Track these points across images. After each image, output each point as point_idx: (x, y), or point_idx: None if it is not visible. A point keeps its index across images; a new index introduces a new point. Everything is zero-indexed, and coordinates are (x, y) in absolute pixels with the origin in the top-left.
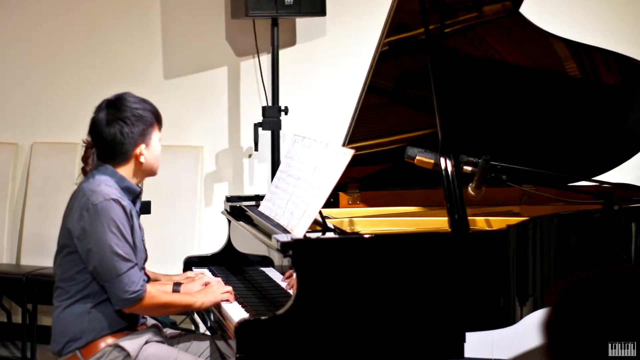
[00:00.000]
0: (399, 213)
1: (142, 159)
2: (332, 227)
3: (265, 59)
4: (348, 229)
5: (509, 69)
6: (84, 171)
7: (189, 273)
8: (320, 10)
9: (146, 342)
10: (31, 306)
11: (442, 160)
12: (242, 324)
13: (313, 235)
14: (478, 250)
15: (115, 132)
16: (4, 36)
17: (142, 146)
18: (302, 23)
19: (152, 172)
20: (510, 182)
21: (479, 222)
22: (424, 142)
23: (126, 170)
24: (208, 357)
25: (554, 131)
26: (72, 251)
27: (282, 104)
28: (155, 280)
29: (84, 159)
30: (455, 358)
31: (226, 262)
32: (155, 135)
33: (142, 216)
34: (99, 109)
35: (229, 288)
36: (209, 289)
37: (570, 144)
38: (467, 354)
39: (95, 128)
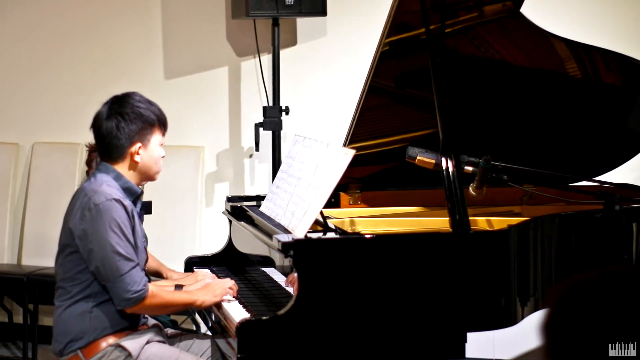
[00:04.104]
0: (400, 213)
1: (137, 159)
2: (333, 227)
3: (266, 59)
4: (349, 229)
5: (510, 69)
6: (88, 175)
7: (197, 272)
8: (321, 10)
9: (147, 342)
10: (32, 306)
11: (443, 160)
12: (243, 324)
13: (314, 236)
14: (479, 251)
15: (112, 126)
16: (4, 36)
17: (138, 145)
18: (303, 23)
19: (149, 175)
20: (511, 182)
21: (480, 222)
22: (425, 142)
23: (123, 169)
24: (209, 357)
25: (554, 131)
26: (74, 251)
27: (282, 104)
28: (158, 272)
29: (88, 162)
30: (456, 358)
31: (227, 262)
32: (156, 138)
33: (143, 216)
34: (104, 103)
35: (231, 283)
36: (210, 287)
37: (571, 144)
38: (468, 354)
39: (96, 121)
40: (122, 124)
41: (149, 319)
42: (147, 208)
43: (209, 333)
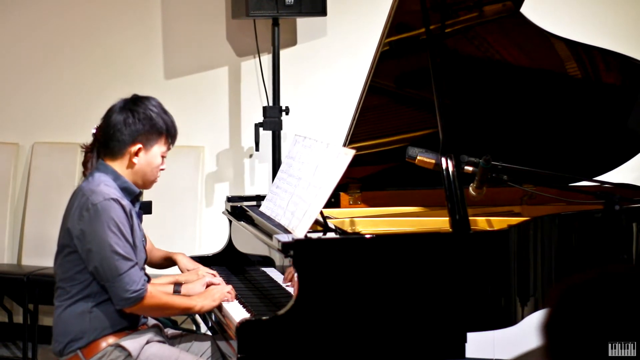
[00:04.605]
0: (400, 213)
1: (135, 160)
2: (333, 227)
3: (266, 59)
4: (349, 229)
5: (510, 69)
6: (85, 176)
7: (200, 268)
8: (321, 10)
9: (147, 342)
10: (32, 306)
11: (443, 160)
12: (243, 324)
13: (314, 236)
14: (479, 251)
15: (120, 120)
16: (4, 36)
17: (139, 146)
18: (303, 23)
19: (143, 181)
20: (511, 182)
21: (480, 222)
22: (425, 142)
23: (121, 168)
24: (209, 357)
25: (554, 131)
26: (72, 251)
27: (282, 104)
28: (166, 257)
29: (84, 163)
30: (456, 358)
31: (227, 262)
32: (159, 148)
33: (143, 216)
34: (123, 98)
35: (229, 288)
36: (208, 293)
37: (571, 144)
38: (468, 354)
39: (108, 112)
40: (129, 120)
41: (149, 319)
42: (147, 208)
43: (209, 333)
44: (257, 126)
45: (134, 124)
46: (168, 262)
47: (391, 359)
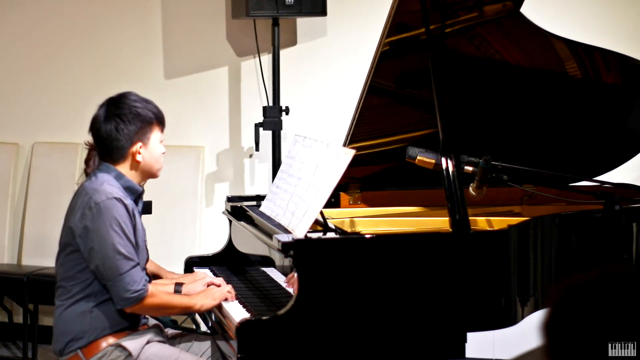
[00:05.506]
0: (400, 213)
1: (138, 158)
2: (333, 227)
3: (266, 59)
4: (349, 229)
5: (510, 69)
6: (86, 173)
7: (196, 272)
8: (321, 10)
9: (147, 342)
10: (32, 306)
11: (443, 160)
12: (243, 324)
13: (314, 236)
14: (479, 251)
15: (111, 129)
16: (4, 36)
17: (139, 145)
18: (303, 23)
19: (151, 173)
20: (511, 182)
21: (480, 222)
22: (425, 142)
23: (125, 169)
24: (209, 357)
25: (555, 131)
26: (74, 250)
27: (282, 104)
28: (157, 275)
29: (86, 160)
30: (456, 358)
31: (227, 262)
32: (155, 136)
33: (143, 216)
34: (100, 106)
35: (229, 287)
36: (208, 292)
37: (571, 144)
38: (468, 354)
39: (94, 124)
40: (121, 126)
41: (149, 319)
42: (147, 208)
43: (209, 333)
44: (257, 126)
45: (126, 127)
46: (157, 278)
47: (391, 359)
